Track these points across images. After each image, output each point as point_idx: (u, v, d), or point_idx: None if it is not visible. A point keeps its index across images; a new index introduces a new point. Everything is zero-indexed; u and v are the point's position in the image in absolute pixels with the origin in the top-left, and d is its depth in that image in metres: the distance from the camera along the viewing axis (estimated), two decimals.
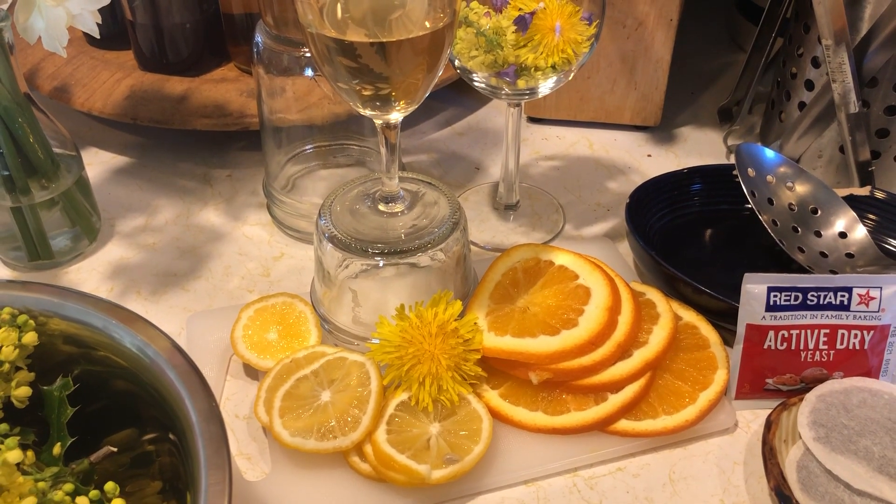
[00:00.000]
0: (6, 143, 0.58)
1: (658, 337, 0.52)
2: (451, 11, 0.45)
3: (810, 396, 0.48)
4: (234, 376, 0.55)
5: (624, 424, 0.50)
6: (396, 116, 0.50)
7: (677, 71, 0.75)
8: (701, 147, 0.77)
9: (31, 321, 0.43)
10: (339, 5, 0.44)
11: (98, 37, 0.59)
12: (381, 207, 0.55)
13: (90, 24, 0.58)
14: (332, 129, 0.67)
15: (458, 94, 0.83)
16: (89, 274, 0.63)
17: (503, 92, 0.60)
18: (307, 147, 0.68)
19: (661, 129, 0.78)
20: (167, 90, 0.73)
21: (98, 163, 0.74)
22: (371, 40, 0.43)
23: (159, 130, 0.74)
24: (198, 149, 0.75)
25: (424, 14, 0.45)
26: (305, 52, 0.60)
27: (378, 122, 0.50)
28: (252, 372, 0.55)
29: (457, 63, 0.58)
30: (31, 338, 0.42)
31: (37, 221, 0.62)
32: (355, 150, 0.70)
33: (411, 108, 0.49)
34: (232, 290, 0.62)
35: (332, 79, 0.47)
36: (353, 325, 0.55)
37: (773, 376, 0.52)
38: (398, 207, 0.55)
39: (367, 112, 0.49)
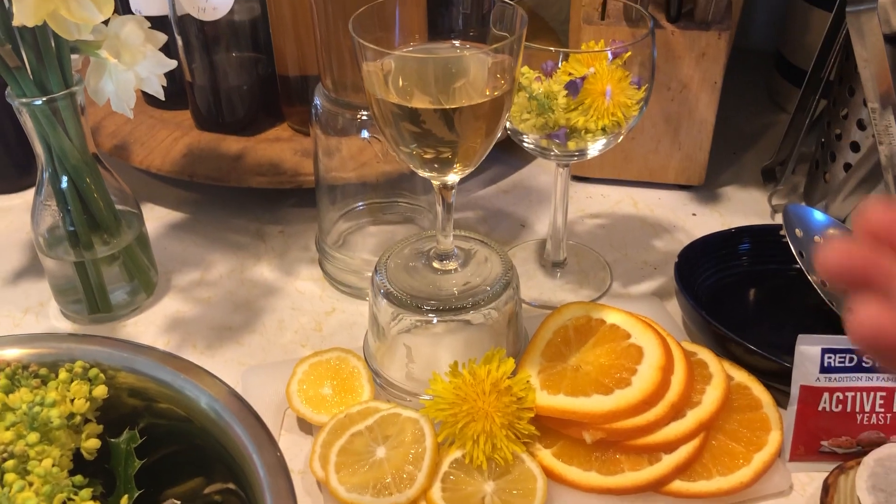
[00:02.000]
0: (73, 201, 0.61)
1: (711, 397, 0.52)
2: (510, 79, 0.47)
3: (868, 460, 0.48)
4: (288, 430, 0.56)
5: (678, 485, 0.50)
6: (454, 178, 0.51)
7: (719, 130, 0.76)
8: (745, 206, 0.77)
9: (102, 374, 0.44)
10: (402, 74, 0.46)
11: (163, 98, 0.61)
12: (436, 265, 0.56)
13: (156, 87, 0.60)
14: (383, 187, 0.69)
15: (503, 153, 0.84)
16: (146, 327, 0.65)
17: (552, 153, 0.61)
18: (359, 204, 0.70)
19: (705, 189, 0.79)
20: (223, 149, 0.76)
21: (154, 218, 0.76)
22: (435, 107, 0.45)
23: (213, 187, 0.76)
24: (251, 205, 0.77)
25: (485, 82, 0.46)
26: (361, 114, 0.62)
27: (435, 182, 0.52)
28: (305, 426, 0.56)
29: (508, 125, 0.60)
30: (101, 391, 0.44)
31: (98, 276, 0.64)
32: (405, 208, 0.71)
33: (468, 170, 0.51)
34: (285, 345, 0.63)
35: (394, 142, 0.49)
36: (405, 381, 0.56)
37: (829, 438, 0.51)
38: (452, 265, 0.56)
39: (426, 174, 0.51)
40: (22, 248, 0.74)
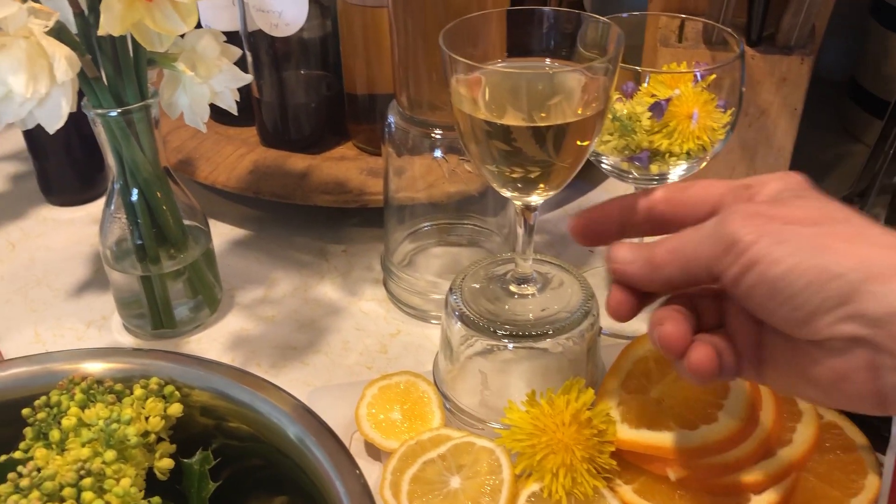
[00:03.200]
0: (142, 214, 0.60)
1: (803, 436, 0.50)
2: (604, 98, 0.45)
3: None
4: (355, 455, 0.54)
5: None
6: (537, 199, 0.50)
7: (794, 159, 0.74)
8: None
9: (177, 392, 0.43)
10: (494, 89, 0.45)
11: (236, 114, 0.61)
12: (513, 288, 0.54)
13: (230, 101, 0.60)
14: (451, 208, 0.67)
15: None
16: (210, 344, 0.64)
17: (631, 175, 0.59)
18: (426, 224, 0.69)
19: None
20: (289, 166, 0.75)
21: (217, 234, 0.76)
22: (527, 124, 0.43)
23: (276, 205, 0.75)
24: (314, 224, 0.76)
25: (578, 101, 0.45)
26: (435, 132, 0.60)
27: (518, 203, 0.50)
28: (373, 451, 0.54)
29: None
30: (176, 409, 0.42)
31: (163, 290, 0.63)
32: (471, 230, 0.70)
33: (553, 192, 0.49)
34: (351, 366, 0.61)
35: (480, 160, 0.47)
36: (478, 408, 0.54)
37: None
38: (530, 290, 0.54)
39: (509, 193, 0.49)
40: (85, 260, 0.74)
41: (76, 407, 0.41)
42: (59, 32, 0.50)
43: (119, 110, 0.55)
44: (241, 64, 0.71)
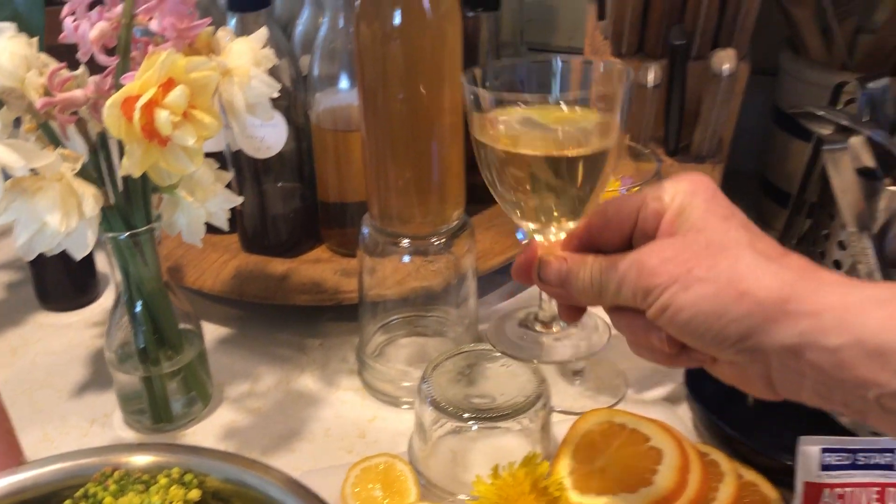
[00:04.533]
0: (146, 322, 0.68)
1: (725, 494, 0.59)
2: (614, 135, 0.49)
3: None
4: None
5: None
6: (555, 232, 0.51)
7: None
8: None
9: (195, 479, 0.50)
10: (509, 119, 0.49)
11: (227, 230, 0.69)
12: (479, 374, 0.63)
13: (222, 221, 0.68)
14: (419, 302, 0.76)
15: None
16: (204, 436, 0.71)
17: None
18: (396, 317, 0.77)
19: None
20: (269, 270, 0.83)
21: (206, 333, 0.83)
22: (545, 154, 0.48)
23: (258, 305, 0.83)
24: (293, 320, 0.84)
25: (591, 134, 0.49)
26: (402, 241, 0.70)
27: (538, 237, 0.52)
28: None
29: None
30: (195, 494, 0.50)
31: (162, 389, 0.70)
32: (436, 321, 0.79)
33: (570, 224, 0.51)
34: (334, 451, 0.69)
35: (494, 188, 0.51)
36: (449, 482, 0.62)
37: None
38: (496, 373, 0.63)
39: (528, 225, 0.52)
40: (84, 362, 0.80)
41: (110, 497, 0.48)
42: (82, 171, 0.58)
43: (128, 233, 0.64)
44: None
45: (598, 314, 0.57)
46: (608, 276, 0.44)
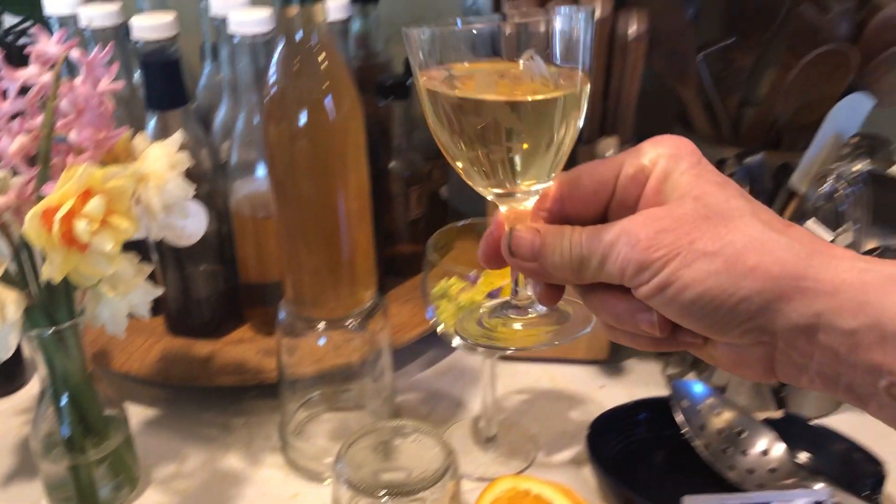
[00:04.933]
0: (72, 413, 0.70)
1: None
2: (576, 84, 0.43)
3: None
4: None
5: None
6: (522, 198, 0.45)
7: None
8: (645, 377, 0.91)
9: None
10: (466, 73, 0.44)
11: (148, 319, 0.73)
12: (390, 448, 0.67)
13: (144, 311, 0.72)
14: (337, 378, 0.80)
15: (439, 338, 0.97)
16: None
17: (480, 350, 0.74)
18: (315, 394, 0.81)
19: (611, 363, 0.93)
20: (194, 352, 0.86)
21: (132, 415, 0.85)
22: (504, 99, 0.42)
23: (184, 386, 0.86)
24: (217, 400, 0.87)
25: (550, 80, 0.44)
26: (318, 324, 0.74)
27: (503, 208, 0.46)
28: None
29: (440, 329, 0.73)
30: None
31: (89, 475, 0.72)
32: (355, 395, 0.82)
33: (537, 186, 0.44)
34: None
35: (452, 150, 0.44)
36: None
37: None
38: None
39: (492, 191, 0.45)
40: (10, 451, 0.82)
41: None
42: (4, 275, 0.61)
43: (52, 329, 0.66)
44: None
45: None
46: (590, 249, 0.38)
